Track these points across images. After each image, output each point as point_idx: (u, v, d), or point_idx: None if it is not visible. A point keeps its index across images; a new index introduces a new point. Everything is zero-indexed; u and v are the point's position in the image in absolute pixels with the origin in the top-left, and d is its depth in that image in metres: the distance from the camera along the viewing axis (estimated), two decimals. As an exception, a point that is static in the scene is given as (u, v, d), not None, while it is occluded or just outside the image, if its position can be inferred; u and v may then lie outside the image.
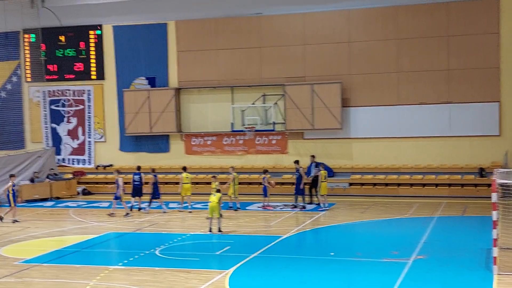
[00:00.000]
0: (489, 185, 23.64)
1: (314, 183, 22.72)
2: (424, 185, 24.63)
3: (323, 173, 22.24)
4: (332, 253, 15.39)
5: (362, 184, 25.27)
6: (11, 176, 21.70)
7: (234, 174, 22.47)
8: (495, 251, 12.98)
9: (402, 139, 25.38)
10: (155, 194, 22.22)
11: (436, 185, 24.49)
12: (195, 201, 24.13)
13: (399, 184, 24.90)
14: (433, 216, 20.13)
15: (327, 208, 22.13)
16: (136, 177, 22.57)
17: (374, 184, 25.15)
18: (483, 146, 24.44)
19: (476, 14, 24.32)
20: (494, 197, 12.96)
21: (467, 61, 24.51)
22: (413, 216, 20.42)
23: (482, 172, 23.98)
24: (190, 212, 22.12)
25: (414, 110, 25.13)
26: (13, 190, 20.92)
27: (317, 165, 22.98)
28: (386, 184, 25.04)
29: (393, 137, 25.47)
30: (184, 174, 22.48)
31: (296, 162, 22.59)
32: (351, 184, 25.33)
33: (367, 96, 25.61)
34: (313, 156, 24.01)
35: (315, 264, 14.52)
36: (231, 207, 22.36)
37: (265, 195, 22.50)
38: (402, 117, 25.25)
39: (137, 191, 22.57)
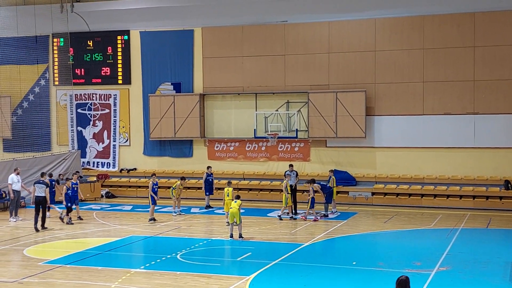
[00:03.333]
0: (514, 198, 23.47)
1: (293, 192, 22.58)
2: (448, 196, 24.39)
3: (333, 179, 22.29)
4: (354, 263, 15.31)
5: (385, 194, 25.11)
6: (152, 175, 22.25)
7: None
8: (520, 265, 12.80)
9: (427, 149, 25.19)
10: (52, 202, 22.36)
11: (460, 196, 24.23)
12: (217, 206, 24.24)
13: (422, 195, 24.69)
14: (457, 227, 19.91)
15: (338, 214, 22.29)
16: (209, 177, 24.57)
17: (397, 194, 24.97)
18: (509, 158, 24.14)
19: (503, 25, 24.10)
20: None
21: (494, 71, 24.27)
22: (436, 227, 20.22)
23: (508, 184, 23.68)
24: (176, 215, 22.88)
25: (439, 120, 24.94)
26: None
27: (297, 174, 23.09)
28: (410, 195, 24.85)
29: (417, 147, 25.30)
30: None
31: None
32: (373, 193, 25.19)
33: (392, 105, 25.49)
34: (291, 165, 23.68)
35: (336, 273, 14.47)
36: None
37: (311, 205, 21.45)
38: (427, 127, 25.08)
39: (209, 189, 24.42)
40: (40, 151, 28.74)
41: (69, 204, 21.21)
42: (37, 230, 19.87)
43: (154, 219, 21.32)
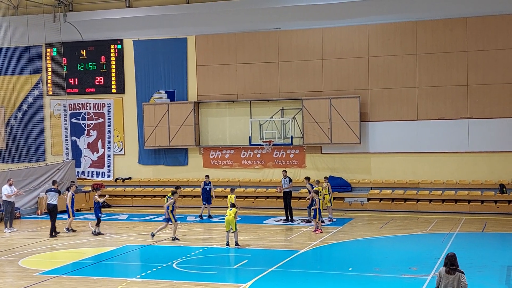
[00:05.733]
0: (509, 202, 23.55)
1: (288, 198, 22.64)
2: (443, 200, 24.42)
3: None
4: (350, 268, 15.30)
5: (381, 199, 25.13)
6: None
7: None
8: (516, 268, 12.82)
9: (421, 154, 25.24)
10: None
11: (456, 201, 24.27)
12: (213, 214, 24.18)
13: (418, 200, 24.72)
14: (453, 232, 19.93)
15: (334, 221, 22.28)
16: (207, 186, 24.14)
17: (393, 200, 24.99)
18: (503, 162, 24.21)
19: (496, 29, 24.22)
20: (515, 213, 12.81)
21: (487, 76, 24.38)
22: (432, 232, 20.24)
23: (502, 188, 23.74)
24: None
25: (433, 125, 25.01)
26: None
27: (290, 180, 22.96)
28: (405, 200, 24.87)
29: (412, 152, 25.35)
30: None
31: (307, 178, 22.61)
32: (369, 199, 25.21)
33: (386, 110, 25.56)
34: (285, 171, 23.65)
35: (333, 279, 14.45)
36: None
37: (314, 216, 20.37)
38: (421, 132, 25.14)
39: (205, 198, 24.00)
40: (34, 161, 28.66)
41: (99, 215, 20.93)
42: (57, 233, 20.83)
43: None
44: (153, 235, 19.47)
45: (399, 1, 24.80)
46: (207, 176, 24.59)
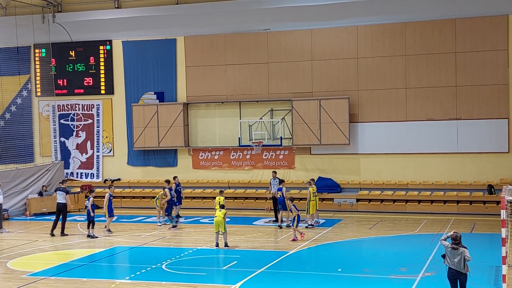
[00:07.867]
0: (498, 202, 23.62)
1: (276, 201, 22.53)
2: (432, 201, 24.53)
3: (311, 190, 21.51)
4: (339, 269, 15.33)
5: (370, 200, 25.20)
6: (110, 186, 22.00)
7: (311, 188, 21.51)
8: (504, 269, 12.88)
9: (410, 155, 25.33)
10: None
11: (444, 201, 24.38)
12: (202, 216, 24.18)
13: (407, 201, 24.81)
14: (441, 233, 20.00)
15: (318, 224, 22.13)
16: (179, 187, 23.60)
17: (382, 200, 25.07)
18: (492, 163, 24.35)
19: (485, 31, 24.36)
20: (503, 214, 12.89)
21: (475, 77, 24.51)
22: (421, 232, 20.32)
23: (491, 189, 23.88)
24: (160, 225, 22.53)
25: (421, 126, 25.11)
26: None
27: (281, 182, 22.73)
28: (394, 201, 24.95)
29: (400, 153, 25.43)
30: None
31: (167, 181, 22.79)
32: (358, 200, 25.27)
33: (375, 112, 25.63)
34: (274, 172, 23.78)
35: (322, 280, 14.47)
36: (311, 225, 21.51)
37: (293, 222, 19.66)
38: (410, 133, 25.24)
39: (178, 199, 23.39)
40: (23, 163, 28.49)
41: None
42: (52, 235, 20.79)
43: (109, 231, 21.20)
44: (280, 227, 21.36)
45: (388, 3, 24.91)
46: (176, 177, 24.03)
